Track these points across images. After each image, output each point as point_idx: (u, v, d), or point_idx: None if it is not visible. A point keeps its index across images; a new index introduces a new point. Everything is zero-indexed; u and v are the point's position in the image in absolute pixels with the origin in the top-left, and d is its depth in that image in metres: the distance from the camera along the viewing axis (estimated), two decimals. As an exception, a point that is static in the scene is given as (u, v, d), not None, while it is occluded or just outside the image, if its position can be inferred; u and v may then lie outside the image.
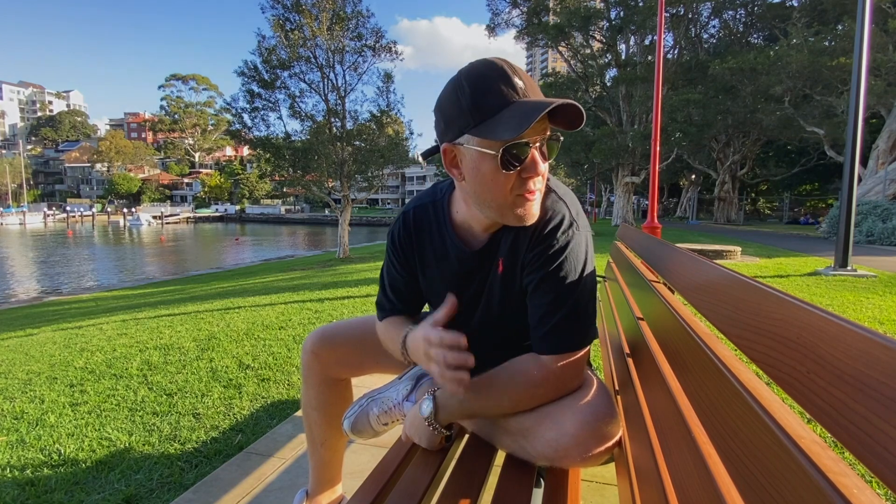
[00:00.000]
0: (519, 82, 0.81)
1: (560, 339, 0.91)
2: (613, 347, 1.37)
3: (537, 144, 0.83)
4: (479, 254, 0.99)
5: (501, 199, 0.87)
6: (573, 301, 0.91)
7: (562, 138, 0.89)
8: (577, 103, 0.79)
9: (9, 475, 1.82)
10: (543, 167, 0.86)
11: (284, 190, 17.30)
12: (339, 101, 12.75)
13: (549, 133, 0.85)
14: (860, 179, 14.31)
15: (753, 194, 33.37)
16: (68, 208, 62.50)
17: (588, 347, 0.95)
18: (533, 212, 0.89)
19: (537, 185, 0.87)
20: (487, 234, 0.97)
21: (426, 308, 1.18)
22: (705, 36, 25.13)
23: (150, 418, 2.26)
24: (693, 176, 31.30)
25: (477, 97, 0.81)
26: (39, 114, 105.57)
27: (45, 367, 3.29)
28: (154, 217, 52.34)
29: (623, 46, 22.85)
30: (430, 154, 0.99)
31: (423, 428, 0.97)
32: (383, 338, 1.12)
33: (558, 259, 0.91)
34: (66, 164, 78.24)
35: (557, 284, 0.91)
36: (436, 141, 0.94)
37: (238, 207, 64.71)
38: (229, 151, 77.19)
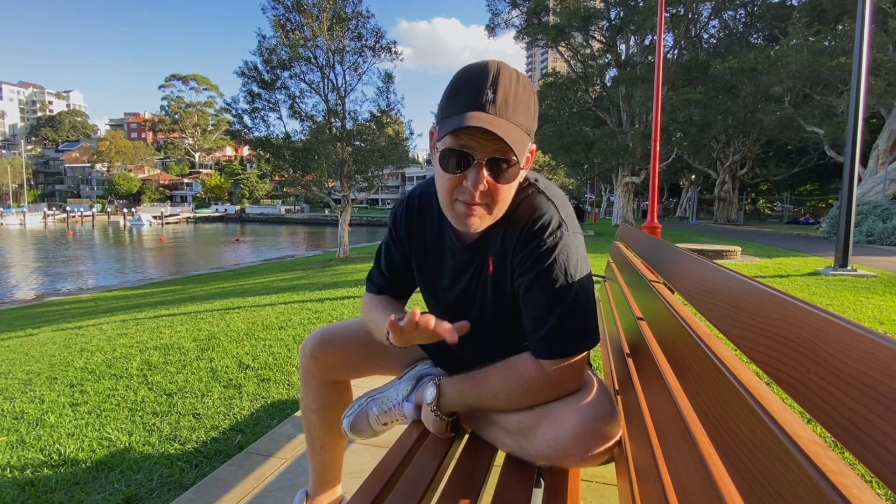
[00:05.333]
0: (489, 94, 0.80)
1: (556, 344, 0.90)
2: (613, 347, 1.37)
3: (484, 160, 0.84)
4: (469, 248, 0.99)
5: (443, 197, 0.90)
6: (567, 304, 0.90)
7: (518, 163, 0.86)
8: (504, 138, 0.78)
9: (9, 475, 1.82)
10: (482, 183, 0.84)
11: (284, 190, 17.32)
12: (339, 102, 12.76)
13: (497, 155, 0.84)
14: (860, 179, 14.31)
15: (753, 194, 33.38)
16: (68, 208, 62.46)
17: (587, 351, 0.94)
18: (472, 223, 0.89)
19: (476, 199, 0.86)
20: (480, 231, 0.97)
21: (422, 305, 1.18)
22: (705, 36, 25.11)
23: (150, 418, 2.26)
24: (693, 176, 31.30)
25: (451, 93, 0.85)
26: (39, 114, 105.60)
27: (45, 368, 3.29)
28: (154, 217, 52.35)
29: (623, 46, 22.86)
30: None
31: (429, 413, 1.00)
32: (369, 313, 1.13)
33: (547, 260, 0.90)
34: (66, 165, 78.25)
35: (549, 287, 0.90)
36: None
37: (238, 207, 64.69)
38: (229, 151, 77.26)
